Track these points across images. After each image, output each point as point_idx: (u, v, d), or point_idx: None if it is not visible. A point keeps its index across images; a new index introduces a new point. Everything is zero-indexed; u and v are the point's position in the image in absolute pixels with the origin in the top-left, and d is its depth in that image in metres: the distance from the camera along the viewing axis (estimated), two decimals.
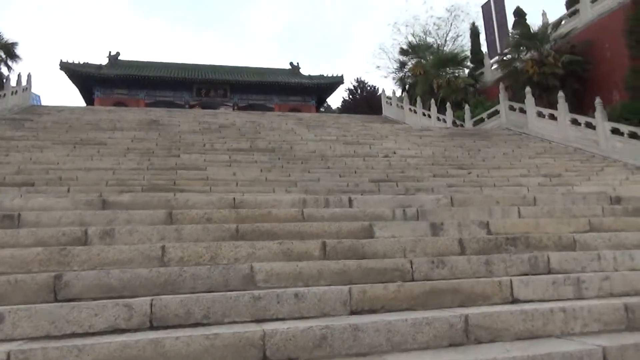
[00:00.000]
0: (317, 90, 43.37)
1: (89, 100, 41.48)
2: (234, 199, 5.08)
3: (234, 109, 37.26)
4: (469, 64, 30.68)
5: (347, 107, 42.92)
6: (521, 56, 21.82)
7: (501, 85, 21.42)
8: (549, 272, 4.08)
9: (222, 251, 3.79)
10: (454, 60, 29.58)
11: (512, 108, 20.58)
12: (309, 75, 43.96)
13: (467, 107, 23.95)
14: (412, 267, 3.77)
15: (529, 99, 19.30)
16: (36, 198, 5.45)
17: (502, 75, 22.76)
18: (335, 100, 70.71)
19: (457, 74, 29.13)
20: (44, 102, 39.59)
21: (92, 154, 11.68)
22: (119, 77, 39.17)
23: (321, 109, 46.01)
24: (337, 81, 43.78)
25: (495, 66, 27.00)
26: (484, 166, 13.41)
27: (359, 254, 4.08)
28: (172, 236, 4.06)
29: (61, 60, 38.91)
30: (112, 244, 3.85)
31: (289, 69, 45.23)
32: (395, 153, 14.17)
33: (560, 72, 20.26)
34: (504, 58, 23.06)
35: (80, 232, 3.92)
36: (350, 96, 46.07)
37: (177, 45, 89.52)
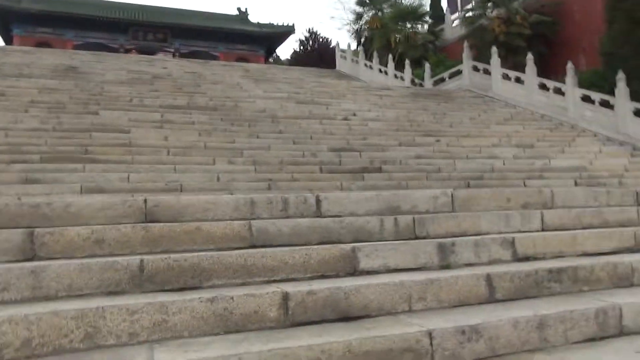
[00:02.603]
0: (266, 39, 40.57)
1: (7, 39, 36.75)
2: (145, 201, 3.33)
3: (174, 56, 34.02)
4: (428, 19, 29.05)
5: (298, 59, 40.48)
6: (487, 13, 20.47)
7: (465, 44, 20.02)
8: (621, 334, 2.72)
9: (106, 321, 2.14)
10: (414, 14, 27.87)
11: (475, 69, 19.32)
12: (258, 23, 40.92)
13: (427, 65, 22.52)
14: (431, 342, 2.29)
15: (495, 60, 18.06)
16: None
17: (467, 33, 21.35)
18: (285, 51, 67.61)
19: (416, 30, 27.51)
20: None
21: None
22: (43, 14, 34.64)
23: (270, 60, 43.36)
24: (287, 31, 41.07)
25: (457, 22, 25.61)
26: (452, 133, 12.11)
27: (341, 310, 2.54)
28: (23, 286, 2.34)
29: None
30: None
31: (237, 14, 41.90)
32: (355, 115, 12.59)
33: (527, 32, 19.15)
34: (470, 14, 21.61)
35: None
36: (302, 47, 43.48)
37: None
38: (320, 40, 43.83)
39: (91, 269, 2.50)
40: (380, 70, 24.96)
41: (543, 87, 16.09)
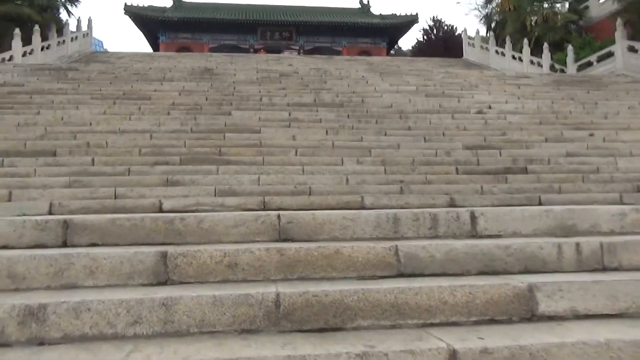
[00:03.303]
0: (388, 31, 39.79)
1: (154, 45, 40.56)
2: (279, 217, 3.04)
3: (299, 53, 34.87)
4: None
5: (421, 49, 39.21)
6: None
7: (618, 21, 17.54)
8: None
9: None
10: None
11: (632, 49, 16.82)
12: (380, 15, 40.31)
13: (570, 48, 20.18)
14: None
15: None
16: None
17: (620, 8, 18.67)
18: (406, 41, 65.92)
19: (555, 9, 24.86)
20: (109, 49, 39.13)
21: (132, 111, 10.03)
22: (183, 21, 37.62)
23: (392, 52, 42.56)
24: (411, 20, 39.86)
25: None
26: (608, 126, 10.51)
27: None
28: (154, 320, 2.13)
29: (125, 4, 37.87)
30: (36, 345, 1.99)
31: (359, 8, 41.68)
32: (490, 108, 11.51)
33: None
34: None
35: None
36: (425, 37, 42.10)
37: None
38: (445, 28, 42.05)
39: (224, 304, 2.22)
40: (513, 57, 23.07)
41: None
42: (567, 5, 25.56)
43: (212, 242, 2.95)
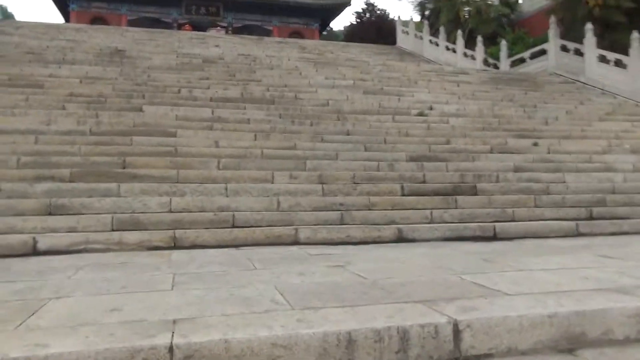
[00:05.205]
0: (321, 12, 38.55)
1: (66, 15, 36.58)
2: (171, 350, 1.92)
3: (227, 32, 32.77)
4: None
5: (353, 33, 38.35)
6: None
7: (552, 19, 17.48)
8: None
9: None
10: None
11: (564, 48, 16.84)
12: None
13: (503, 43, 20.05)
14: None
15: (590, 39, 15.56)
16: None
17: (553, 6, 18.68)
18: (338, 23, 64.85)
19: (489, 1, 24.83)
20: (18, 18, 34.72)
21: (17, 102, 8.26)
22: None
23: (324, 33, 41.42)
24: (343, 2, 38.87)
25: None
26: (549, 133, 10.12)
27: None
28: None
29: None
30: None
31: None
32: (432, 109, 10.80)
33: (628, 5, 16.43)
34: None
35: None
36: (358, 20, 41.24)
37: None
38: (378, 12, 41.42)
39: None
40: (447, 48, 22.64)
41: None
42: None
43: None
